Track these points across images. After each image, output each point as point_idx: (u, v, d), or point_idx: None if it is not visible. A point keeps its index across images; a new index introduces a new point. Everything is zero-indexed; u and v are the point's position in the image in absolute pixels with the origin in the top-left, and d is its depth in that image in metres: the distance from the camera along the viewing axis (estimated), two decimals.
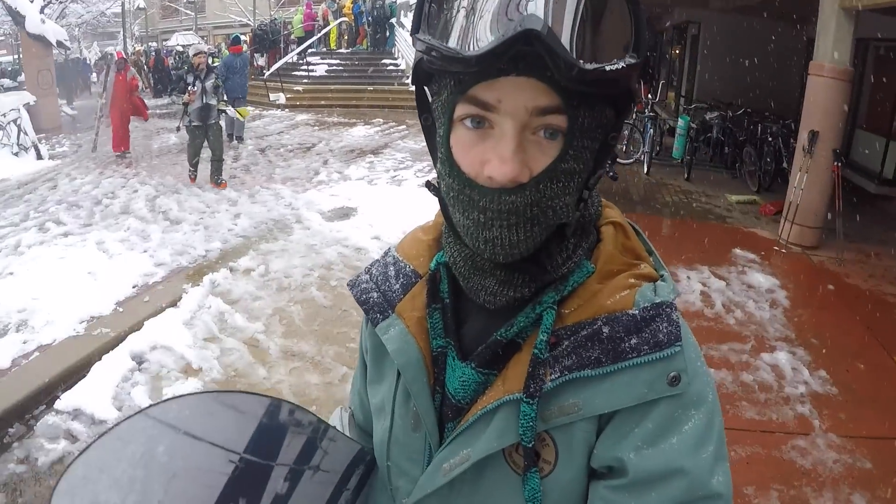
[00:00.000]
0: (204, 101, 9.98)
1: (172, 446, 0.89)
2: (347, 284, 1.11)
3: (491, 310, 0.92)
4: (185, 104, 10.11)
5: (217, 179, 10.49)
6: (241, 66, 15.39)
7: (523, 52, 0.72)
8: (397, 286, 1.03)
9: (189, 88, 9.98)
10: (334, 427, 1.09)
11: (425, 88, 0.91)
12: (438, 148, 0.88)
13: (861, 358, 5.35)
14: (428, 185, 0.96)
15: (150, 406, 0.89)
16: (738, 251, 7.69)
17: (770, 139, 10.71)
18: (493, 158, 0.79)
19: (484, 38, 0.75)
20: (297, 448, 1.01)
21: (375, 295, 1.03)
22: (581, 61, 0.73)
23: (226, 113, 10.86)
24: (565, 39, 0.73)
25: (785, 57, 12.50)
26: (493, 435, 0.86)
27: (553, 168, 0.80)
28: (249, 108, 15.88)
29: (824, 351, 5.41)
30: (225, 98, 10.56)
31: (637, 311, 0.83)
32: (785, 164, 10.15)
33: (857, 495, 3.80)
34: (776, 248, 8.16)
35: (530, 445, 0.83)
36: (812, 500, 3.75)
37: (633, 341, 0.82)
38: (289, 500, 0.99)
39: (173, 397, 0.93)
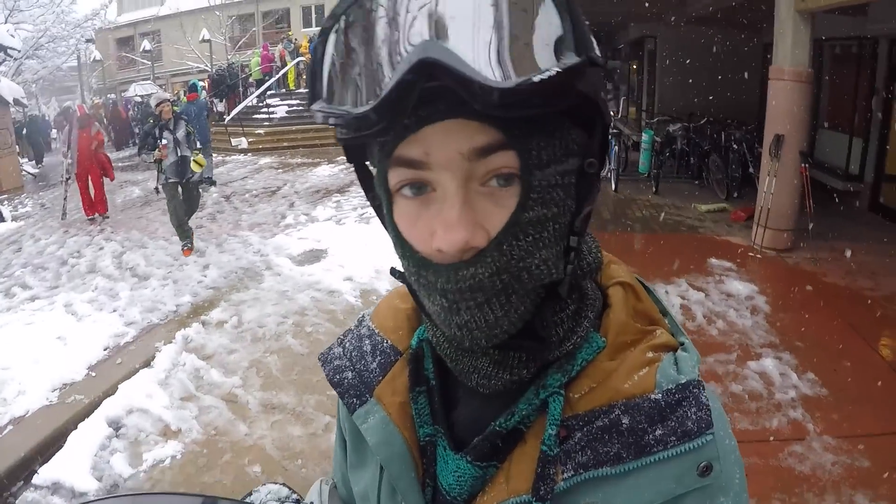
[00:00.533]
0: (179, 154, 8.79)
1: None
2: (319, 359, 0.97)
3: (485, 393, 0.79)
4: (158, 161, 8.83)
5: (184, 241, 9.24)
6: (198, 112, 15.16)
7: (435, 88, 0.59)
8: (374, 365, 0.89)
9: (159, 143, 8.74)
10: (293, 501, 0.98)
11: (367, 165, 0.78)
12: (387, 227, 0.74)
13: (847, 356, 5.33)
14: (392, 271, 0.81)
15: None
16: (713, 260, 7.68)
17: (734, 146, 10.82)
18: (437, 227, 0.66)
19: (380, 86, 0.61)
20: None
21: (350, 375, 0.90)
22: (503, 79, 0.58)
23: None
24: (475, 58, 0.58)
25: (742, 64, 12.64)
26: None
27: (515, 221, 0.66)
28: (213, 155, 15.70)
29: (810, 353, 5.39)
30: (199, 146, 9.33)
31: (660, 395, 0.71)
32: (751, 170, 10.26)
33: (860, 495, 3.77)
34: (751, 253, 8.18)
35: None
36: None
37: (658, 432, 0.70)
38: None
39: (88, 501, 0.81)
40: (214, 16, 34.89)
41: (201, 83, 25.82)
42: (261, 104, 23.88)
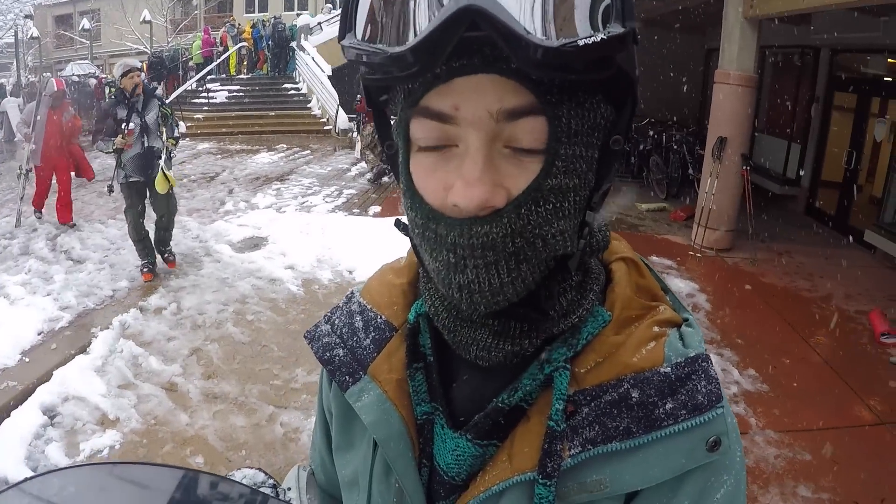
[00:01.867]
0: (146, 145, 6.72)
1: None
2: (305, 337, 0.92)
3: (484, 367, 0.75)
4: (118, 150, 6.64)
5: (165, 254, 7.53)
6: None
7: (474, 40, 0.57)
8: (368, 342, 0.85)
9: (124, 127, 6.55)
10: (277, 497, 0.93)
11: (386, 111, 0.75)
12: (400, 177, 0.72)
13: (785, 353, 5.49)
14: (397, 223, 0.79)
15: (26, 480, 0.73)
16: (654, 258, 7.79)
17: (675, 147, 11.02)
18: (456, 182, 0.64)
19: (419, 28, 0.60)
20: None
21: (341, 352, 0.85)
22: (546, 38, 0.57)
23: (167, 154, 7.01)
24: (521, 13, 0.57)
25: (685, 67, 12.87)
26: None
27: (536, 187, 0.64)
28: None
29: (750, 350, 5.53)
30: (176, 135, 7.28)
31: (669, 369, 0.69)
32: (691, 171, 10.45)
33: (802, 487, 3.88)
34: (691, 252, 8.34)
35: None
36: (760, 497, 3.79)
37: (669, 406, 0.68)
38: None
39: (57, 469, 0.76)
40: None
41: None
42: (200, 89, 23.37)
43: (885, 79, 8.83)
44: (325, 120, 20.59)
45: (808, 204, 10.53)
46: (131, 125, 6.56)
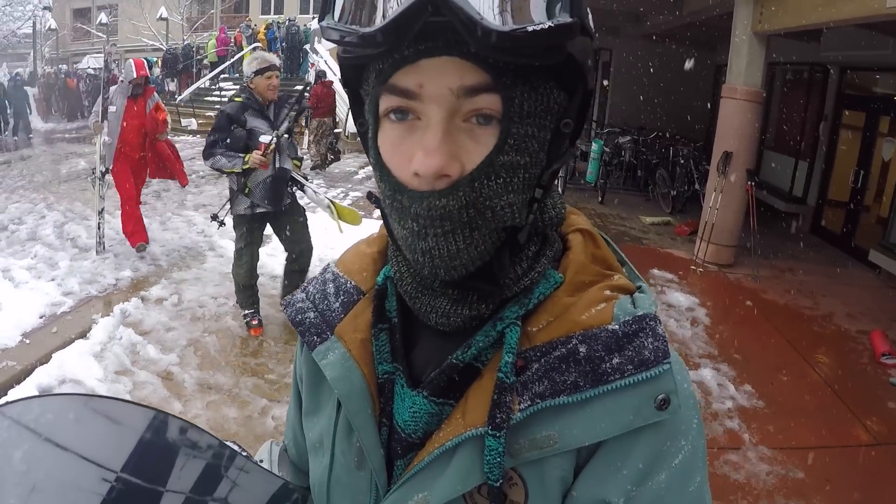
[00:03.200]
0: (277, 166, 5.29)
1: (32, 453, 0.75)
2: (281, 304, 0.97)
3: (445, 331, 0.80)
4: (247, 171, 5.19)
5: (249, 309, 5.93)
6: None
7: (438, 24, 0.63)
8: (337, 305, 0.90)
9: (264, 142, 5.11)
10: (245, 455, 0.95)
11: (361, 93, 0.80)
12: (369, 151, 0.77)
13: (783, 370, 5.47)
14: (369, 196, 0.85)
15: (6, 404, 0.75)
16: (655, 271, 7.79)
17: (682, 161, 11.03)
18: (417, 151, 0.69)
19: (389, 11, 0.66)
20: (194, 474, 0.87)
21: (312, 315, 0.90)
22: (500, 25, 0.63)
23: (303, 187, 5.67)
24: (479, 1, 0.63)
25: (694, 81, 12.88)
26: (456, 477, 0.74)
27: (489, 162, 0.70)
28: None
29: (748, 366, 5.50)
30: (300, 154, 5.74)
31: (617, 326, 0.72)
32: (697, 186, 10.45)
33: None
34: (693, 267, 8.32)
35: (498, 485, 0.71)
36: None
37: (616, 361, 0.70)
38: None
39: (35, 396, 0.78)
40: None
41: (154, 60, 25.44)
42: (213, 87, 23.50)
43: (895, 98, 8.81)
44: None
45: (813, 222, 10.51)
46: (267, 138, 5.12)
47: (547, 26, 0.63)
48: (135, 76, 7.47)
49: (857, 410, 4.92)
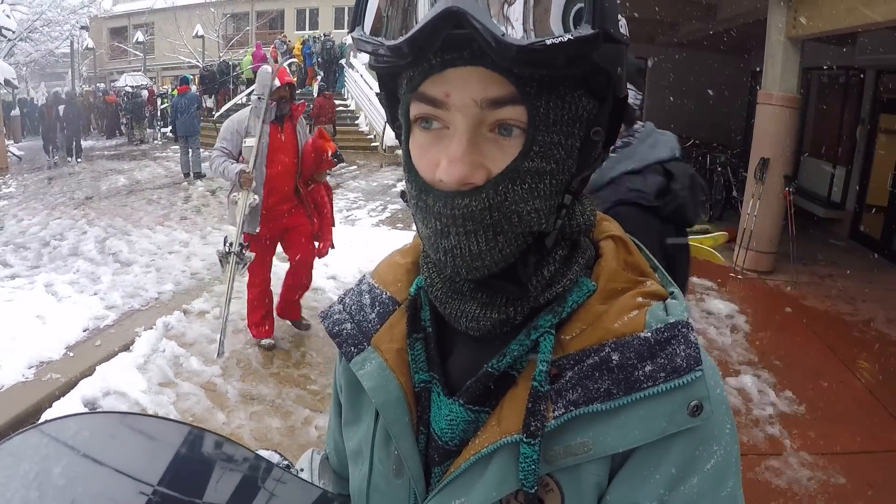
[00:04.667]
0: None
1: (70, 468, 0.79)
2: (319, 316, 0.99)
3: (479, 338, 0.81)
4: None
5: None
6: (188, 104, 15.37)
7: (464, 36, 0.65)
8: (373, 315, 0.92)
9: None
10: (285, 465, 0.99)
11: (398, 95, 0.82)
12: (402, 154, 0.80)
13: (824, 376, 5.40)
14: (402, 194, 0.86)
15: (45, 422, 0.80)
16: (694, 279, 7.71)
17: (719, 169, 10.92)
18: (443, 160, 0.71)
19: (414, 24, 0.69)
20: (230, 486, 0.90)
21: (349, 326, 0.92)
22: (521, 38, 0.65)
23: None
24: (500, 15, 0.65)
25: (730, 88, 12.79)
26: (492, 483, 0.75)
27: (514, 168, 0.71)
28: (201, 149, 15.31)
29: (788, 372, 5.45)
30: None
31: (649, 334, 0.73)
32: (735, 193, 10.34)
33: None
34: (732, 274, 8.23)
35: (533, 491, 0.73)
36: None
37: (648, 368, 0.71)
38: None
39: (73, 414, 0.84)
40: (209, 12, 34.91)
41: (191, 77, 25.81)
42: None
43: None
44: (372, 136, 20.78)
45: (853, 228, 10.37)
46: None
47: (566, 39, 0.64)
48: (277, 84, 5.31)
49: None
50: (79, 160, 19.74)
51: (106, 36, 41.70)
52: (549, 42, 0.64)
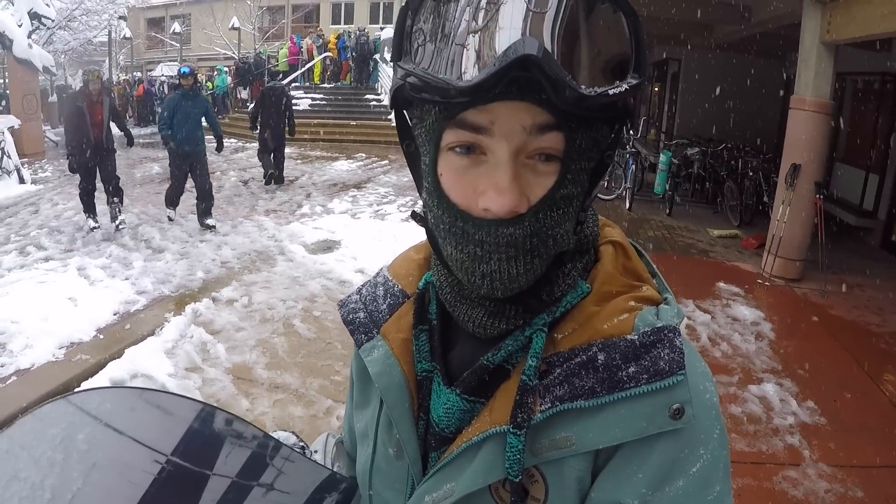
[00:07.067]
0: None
1: (93, 436, 0.87)
2: (338, 303, 1.05)
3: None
4: None
5: None
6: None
7: (518, 76, 0.67)
8: (384, 306, 0.98)
9: None
10: (301, 446, 1.05)
11: (405, 112, 0.85)
12: (424, 177, 0.82)
13: (848, 387, 5.35)
14: (414, 215, 0.90)
15: (72, 393, 0.88)
16: (721, 285, 7.69)
17: (751, 173, 10.83)
18: (488, 189, 0.73)
19: (475, 65, 0.70)
20: (240, 461, 0.97)
21: (362, 315, 0.99)
22: (583, 86, 0.69)
23: None
24: (563, 63, 0.69)
25: (764, 92, 12.67)
26: (480, 470, 0.80)
27: (552, 196, 0.75)
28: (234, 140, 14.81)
29: (812, 382, 5.39)
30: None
31: (636, 337, 0.76)
32: (766, 198, 10.25)
33: None
34: (759, 281, 8.18)
35: (517, 480, 0.76)
36: None
37: (632, 369, 0.74)
38: None
39: (96, 388, 0.91)
40: (245, 5, 35.17)
41: (225, 68, 26.06)
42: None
43: None
44: None
45: (884, 237, 10.20)
46: None
47: (624, 88, 0.71)
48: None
49: None
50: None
51: (143, 26, 42.29)
52: (611, 93, 0.70)
